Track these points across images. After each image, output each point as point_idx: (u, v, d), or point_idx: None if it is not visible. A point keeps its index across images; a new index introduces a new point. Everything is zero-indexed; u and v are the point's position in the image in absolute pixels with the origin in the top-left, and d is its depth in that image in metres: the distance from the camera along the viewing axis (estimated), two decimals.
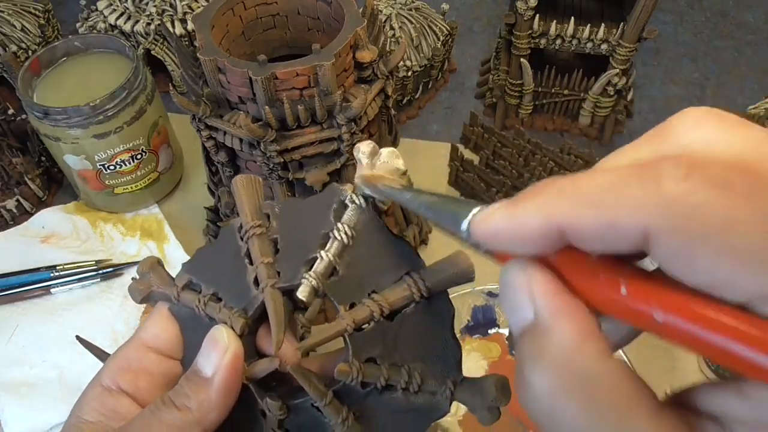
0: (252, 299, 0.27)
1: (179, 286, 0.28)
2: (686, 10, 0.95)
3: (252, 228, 0.27)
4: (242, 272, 0.28)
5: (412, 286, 0.26)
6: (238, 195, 0.28)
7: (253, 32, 0.50)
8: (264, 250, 0.27)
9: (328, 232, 0.27)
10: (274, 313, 0.26)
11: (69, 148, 0.61)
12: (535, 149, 0.70)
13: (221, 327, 0.26)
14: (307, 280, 0.26)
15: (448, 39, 0.80)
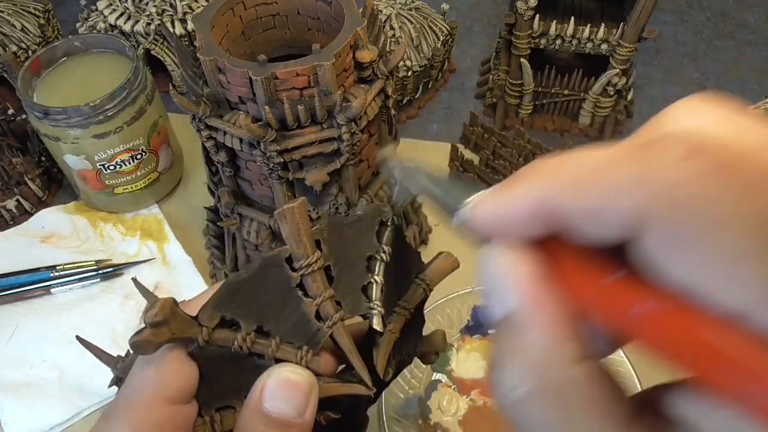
0: (315, 334, 0.26)
1: (210, 327, 0.25)
2: (686, 10, 0.95)
3: (315, 263, 0.26)
4: (293, 305, 0.26)
5: (427, 289, 0.31)
6: (295, 226, 0.26)
7: (253, 32, 0.50)
8: (325, 283, 0.27)
9: (373, 254, 0.28)
10: (353, 350, 0.27)
11: (69, 148, 0.61)
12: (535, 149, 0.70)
13: (297, 369, 0.25)
14: (377, 311, 0.28)
15: (448, 39, 0.80)
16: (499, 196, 0.18)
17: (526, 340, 0.17)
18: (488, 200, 0.18)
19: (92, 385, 0.55)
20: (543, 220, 0.17)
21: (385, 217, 0.29)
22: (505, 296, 0.17)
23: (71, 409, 0.54)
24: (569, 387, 0.16)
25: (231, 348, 0.25)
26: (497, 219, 0.18)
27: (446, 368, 0.55)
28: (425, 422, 0.52)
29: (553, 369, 0.16)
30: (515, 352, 0.17)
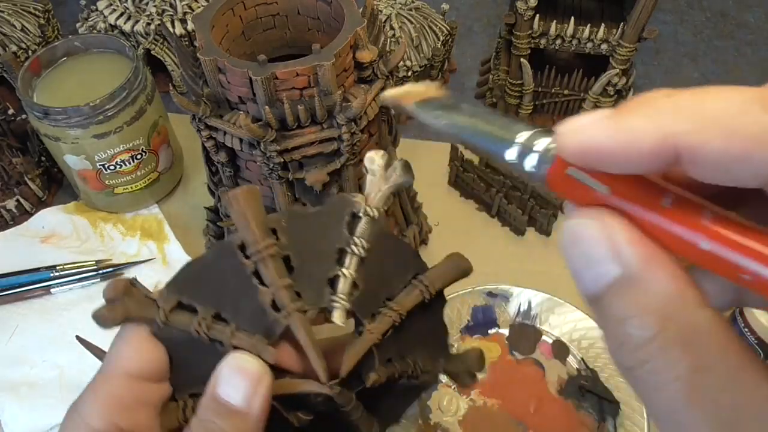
0: (272, 323, 0.26)
1: (167, 309, 0.25)
2: (686, 10, 0.95)
3: (265, 248, 0.26)
4: (250, 293, 0.26)
5: (425, 291, 0.28)
6: (240, 211, 0.26)
7: (253, 32, 0.50)
8: (280, 272, 0.26)
9: (344, 247, 0.27)
10: (308, 341, 0.26)
11: (69, 148, 0.61)
12: None
13: (247, 356, 0.25)
14: (339, 304, 0.26)
15: (448, 39, 0.80)
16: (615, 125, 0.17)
17: (650, 292, 0.16)
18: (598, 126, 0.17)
19: None
20: (666, 159, 0.16)
21: (356, 209, 0.27)
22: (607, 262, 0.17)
23: None
24: (704, 330, 0.16)
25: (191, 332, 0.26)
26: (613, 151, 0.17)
27: None
28: (425, 422, 0.52)
29: (686, 314, 0.16)
30: (641, 305, 0.17)
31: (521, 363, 0.56)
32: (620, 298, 0.17)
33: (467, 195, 0.71)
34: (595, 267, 0.17)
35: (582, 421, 0.52)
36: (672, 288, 0.16)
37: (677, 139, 0.15)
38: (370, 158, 0.27)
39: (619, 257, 0.17)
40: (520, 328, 0.58)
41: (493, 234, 0.67)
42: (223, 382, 0.24)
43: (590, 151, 0.17)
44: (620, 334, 0.17)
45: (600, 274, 0.17)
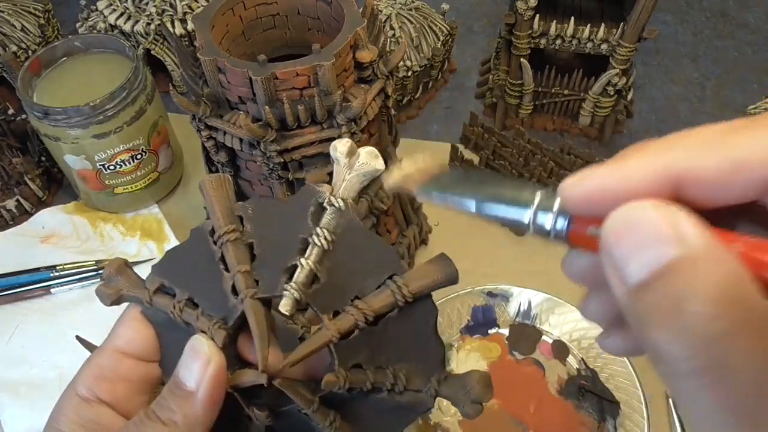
0: (231, 309, 0.26)
1: (151, 290, 0.27)
2: (686, 10, 0.95)
3: (226, 234, 0.26)
4: (217, 279, 0.26)
5: (396, 292, 0.26)
6: (208, 197, 0.27)
7: (253, 32, 0.50)
8: (240, 258, 0.26)
9: (307, 237, 0.26)
10: (256, 327, 0.25)
11: (69, 148, 0.61)
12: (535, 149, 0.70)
13: (202, 338, 0.25)
14: (289, 293, 0.25)
15: (448, 39, 0.80)
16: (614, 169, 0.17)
17: (716, 274, 0.15)
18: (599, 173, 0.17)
19: None
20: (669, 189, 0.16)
21: (321, 198, 0.26)
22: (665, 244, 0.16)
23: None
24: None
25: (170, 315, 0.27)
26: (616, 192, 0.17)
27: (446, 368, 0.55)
28: (425, 422, 0.52)
29: (752, 299, 0.15)
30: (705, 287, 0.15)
31: (521, 363, 0.56)
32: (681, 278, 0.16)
33: None
34: (649, 249, 0.16)
35: (582, 421, 0.52)
36: (740, 271, 0.15)
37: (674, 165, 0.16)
38: (333, 146, 0.26)
39: (681, 239, 0.16)
40: (520, 328, 0.58)
41: (493, 234, 0.67)
42: (181, 363, 0.25)
43: (594, 196, 0.17)
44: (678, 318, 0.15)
45: (655, 256, 0.16)
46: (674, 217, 0.16)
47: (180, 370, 0.25)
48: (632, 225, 0.17)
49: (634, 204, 0.17)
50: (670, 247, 0.16)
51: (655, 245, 0.16)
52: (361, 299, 0.26)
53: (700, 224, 0.16)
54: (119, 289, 0.28)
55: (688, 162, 0.16)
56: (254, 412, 0.26)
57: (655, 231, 0.16)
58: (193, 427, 0.24)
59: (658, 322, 0.16)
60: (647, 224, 0.17)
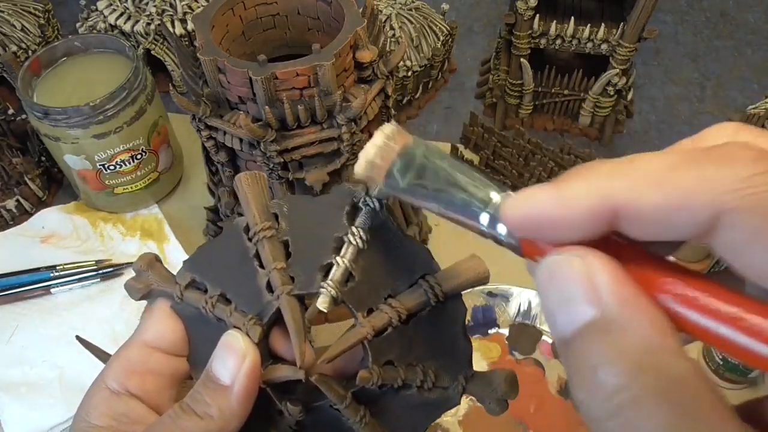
0: (266, 305, 0.26)
1: (182, 285, 0.27)
2: (686, 10, 0.95)
3: (262, 230, 0.26)
4: (251, 275, 0.27)
5: (429, 291, 0.26)
6: (243, 194, 0.27)
7: (253, 32, 0.50)
8: (276, 255, 0.26)
9: (342, 235, 0.26)
10: (293, 323, 0.26)
11: (69, 148, 0.61)
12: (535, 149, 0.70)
13: (237, 334, 0.25)
14: (326, 290, 0.25)
15: (448, 39, 0.80)
16: (554, 194, 0.17)
17: (629, 342, 0.15)
18: (538, 198, 0.17)
19: None
20: (607, 220, 0.16)
21: (357, 198, 0.27)
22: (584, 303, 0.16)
23: (71, 409, 0.54)
24: (683, 383, 0.15)
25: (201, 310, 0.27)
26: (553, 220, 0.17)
27: None
28: None
29: (667, 364, 0.15)
30: (618, 351, 0.15)
31: (521, 363, 0.56)
32: (594, 341, 0.16)
33: None
34: (570, 306, 0.16)
35: (582, 421, 0.52)
36: (651, 335, 0.15)
37: (614, 197, 0.16)
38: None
39: (598, 298, 0.16)
40: (520, 328, 0.58)
41: None
42: (215, 358, 0.25)
43: (534, 220, 0.17)
44: (591, 382, 0.16)
45: (575, 314, 0.16)
46: (594, 273, 0.16)
47: (214, 364, 0.25)
48: (556, 278, 0.17)
49: (556, 257, 0.17)
50: (587, 306, 0.16)
51: (574, 303, 0.16)
52: (395, 298, 0.27)
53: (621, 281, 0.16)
54: (149, 283, 0.28)
55: (629, 195, 0.16)
56: (287, 406, 0.27)
57: (575, 288, 0.16)
58: (229, 420, 0.24)
59: (574, 381, 0.16)
60: (569, 279, 0.17)
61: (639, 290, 0.16)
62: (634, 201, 0.16)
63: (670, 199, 0.15)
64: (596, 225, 0.16)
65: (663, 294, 0.16)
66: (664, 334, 0.16)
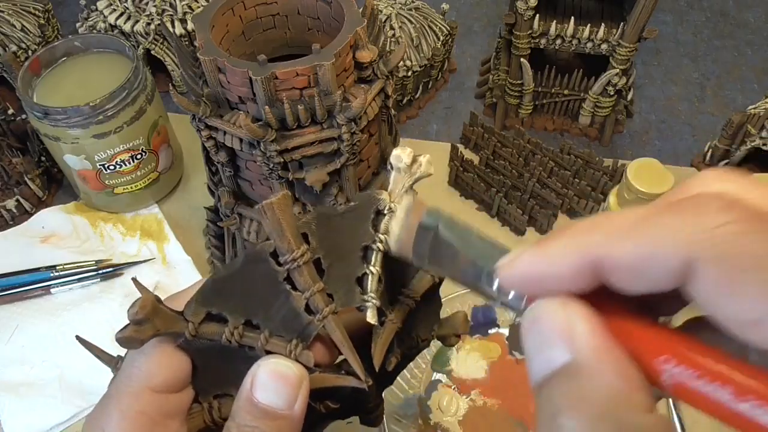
0: (307, 327, 0.26)
1: (196, 322, 0.25)
2: (686, 10, 0.95)
3: (300, 257, 0.26)
4: (280, 298, 0.26)
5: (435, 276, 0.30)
6: (275, 221, 0.25)
7: (253, 32, 0.50)
8: (314, 276, 0.26)
9: (369, 244, 0.27)
10: (345, 342, 0.26)
11: (69, 148, 0.61)
12: (535, 149, 0.70)
13: (286, 362, 0.25)
14: (371, 303, 0.27)
15: (448, 39, 0.80)
16: (538, 253, 0.18)
17: (594, 390, 0.16)
18: (525, 257, 0.18)
19: (92, 385, 0.55)
20: (589, 273, 0.17)
21: (381, 206, 0.27)
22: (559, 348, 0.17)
23: (71, 409, 0.54)
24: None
25: (221, 341, 0.26)
26: (540, 275, 0.18)
27: (446, 368, 0.55)
28: (425, 422, 0.52)
29: (628, 417, 0.15)
30: (584, 400, 0.16)
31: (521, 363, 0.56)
32: (562, 386, 0.16)
33: (467, 195, 0.71)
34: (546, 351, 0.17)
35: None
36: (617, 386, 0.16)
37: (592, 251, 0.17)
38: (397, 156, 0.28)
39: (572, 343, 0.17)
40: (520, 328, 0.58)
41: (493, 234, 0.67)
42: (261, 387, 0.25)
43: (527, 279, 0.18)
44: (551, 427, 0.16)
45: (549, 358, 0.17)
46: (571, 320, 0.17)
47: (260, 393, 0.25)
48: (537, 322, 0.18)
49: (540, 303, 0.18)
50: (561, 351, 0.17)
51: (549, 348, 0.17)
52: (407, 287, 0.29)
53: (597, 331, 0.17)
54: (156, 329, 0.24)
55: (605, 248, 0.16)
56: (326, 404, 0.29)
57: (552, 333, 0.17)
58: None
59: (538, 423, 0.17)
60: (548, 324, 0.18)
61: (614, 342, 0.17)
62: (608, 253, 0.16)
63: (641, 250, 0.16)
64: (581, 279, 0.17)
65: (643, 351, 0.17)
66: (632, 386, 0.16)
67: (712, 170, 0.18)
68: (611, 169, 0.68)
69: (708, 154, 0.71)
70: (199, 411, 0.26)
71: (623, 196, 0.55)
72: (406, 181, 0.28)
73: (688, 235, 0.15)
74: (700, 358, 0.16)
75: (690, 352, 0.16)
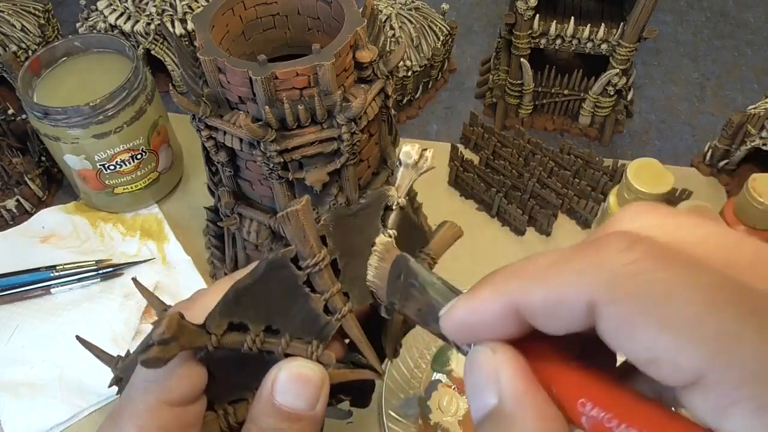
0: (324, 327, 0.27)
1: (219, 334, 0.25)
2: (686, 10, 0.95)
3: (322, 260, 0.26)
4: (301, 302, 0.26)
5: (430, 261, 0.30)
6: (299, 227, 0.26)
7: (253, 32, 0.50)
8: (333, 278, 0.27)
9: None
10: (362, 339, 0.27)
11: (69, 148, 0.61)
12: (535, 149, 0.70)
13: (308, 364, 0.26)
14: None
15: (448, 39, 0.80)
16: (467, 302, 0.19)
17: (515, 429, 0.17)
18: (457, 307, 0.19)
19: (92, 385, 0.55)
20: (514, 318, 0.18)
21: (390, 201, 0.29)
22: (489, 392, 0.18)
23: (71, 409, 0.54)
24: None
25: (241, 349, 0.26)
26: (470, 324, 0.19)
27: (446, 368, 0.55)
28: (425, 422, 0.52)
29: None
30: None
31: None
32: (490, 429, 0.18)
33: (467, 195, 0.71)
34: (478, 394, 0.18)
35: None
36: (537, 429, 0.17)
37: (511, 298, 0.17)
38: (407, 153, 0.29)
39: (498, 388, 0.18)
40: None
41: (493, 234, 0.67)
42: (283, 390, 0.25)
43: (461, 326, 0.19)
44: None
45: (481, 401, 0.18)
46: (498, 366, 0.18)
47: (281, 396, 0.25)
48: (471, 368, 0.19)
49: (475, 348, 0.19)
50: (490, 395, 0.18)
51: (481, 392, 0.18)
52: None
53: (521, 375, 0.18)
54: (181, 348, 0.24)
55: (521, 294, 0.17)
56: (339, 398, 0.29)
57: (482, 378, 0.18)
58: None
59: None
60: (480, 369, 0.18)
61: (536, 386, 0.18)
62: (523, 299, 0.17)
63: (549, 295, 0.17)
64: (508, 324, 0.18)
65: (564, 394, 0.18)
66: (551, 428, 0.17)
67: (635, 204, 0.19)
68: (611, 169, 0.68)
69: (708, 154, 0.71)
70: (214, 419, 0.26)
71: (623, 196, 0.55)
72: (414, 175, 0.30)
73: (588, 277, 0.16)
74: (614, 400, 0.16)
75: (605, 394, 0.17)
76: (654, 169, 0.53)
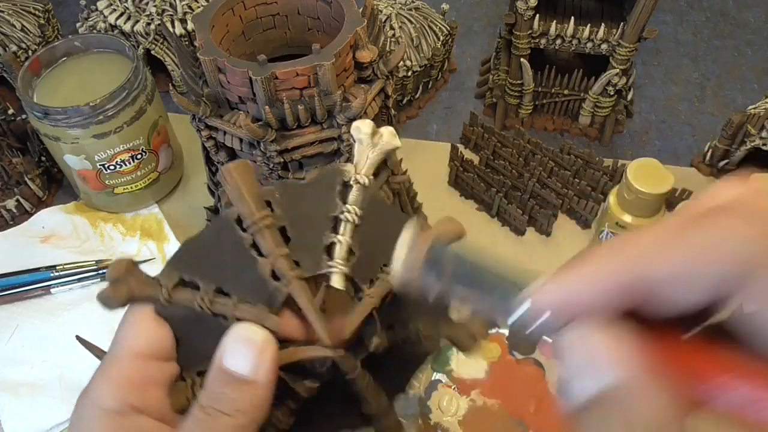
0: (273, 292, 0.26)
1: (169, 287, 0.26)
2: (686, 10, 0.95)
3: (261, 219, 0.26)
4: (249, 265, 0.26)
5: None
6: (235, 184, 0.26)
7: (253, 32, 0.50)
8: (277, 242, 0.26)
9: (337, 215, 0.28)
10: (310, 306, 0.26)
11: (69, 148, 0.61)
12: (535, 149, 0.70)
13: (251, 326, 0.25)
14: (338, 269, 0.27)
15: (448, 39, 0.80)
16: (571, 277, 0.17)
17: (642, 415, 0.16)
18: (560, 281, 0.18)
19: None
20: (627, 293, 0.16)
21: (347, 177, 0.28)
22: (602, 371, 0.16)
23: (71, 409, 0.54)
24: None
25: (194, 308, 0.26)
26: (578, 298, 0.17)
27: (446, 368, 0.55)
28: (425, 422, 0.52)
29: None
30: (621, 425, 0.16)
31: (521, 363, 0.56)
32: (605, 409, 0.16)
33: (467, 195, 0.71)
34: (589, 373, 0.17)
35: None
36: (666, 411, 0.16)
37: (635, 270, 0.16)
38: (356, 127, 0.28)
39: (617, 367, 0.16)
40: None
41: (493, 234, 0.67)
42: (228, 353, 0.25)
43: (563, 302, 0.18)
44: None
45: (592, 380, 0.16)
46: (614, 343, 0.17)
47: (228, 360, 0.24)
48: (580, 344, 0.17)
49: (582, 325, 0.17)
50: (605, 374, 0.16)
51: (593, 370, 0.17)
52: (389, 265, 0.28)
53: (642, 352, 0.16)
54: (130, 291, 0.25)
55: (647, 264, 0.16)
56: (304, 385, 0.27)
57: (596, 355, 0.17)
58: (259, 413, 0.24)
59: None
60: (588, 348, 0.17)
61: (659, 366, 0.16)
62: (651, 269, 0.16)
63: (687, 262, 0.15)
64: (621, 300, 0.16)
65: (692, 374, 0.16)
66: (679, 411, 0.15)
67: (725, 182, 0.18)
68: (611, 169, 0.68)
69: (708, 154, 0.71)
70: (183, 387, 0.26)
71: (623, 196, 0.55)
72: (369, 152, 0.29)
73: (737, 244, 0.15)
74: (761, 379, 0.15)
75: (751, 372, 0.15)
76: (654, 169, 0.53)
